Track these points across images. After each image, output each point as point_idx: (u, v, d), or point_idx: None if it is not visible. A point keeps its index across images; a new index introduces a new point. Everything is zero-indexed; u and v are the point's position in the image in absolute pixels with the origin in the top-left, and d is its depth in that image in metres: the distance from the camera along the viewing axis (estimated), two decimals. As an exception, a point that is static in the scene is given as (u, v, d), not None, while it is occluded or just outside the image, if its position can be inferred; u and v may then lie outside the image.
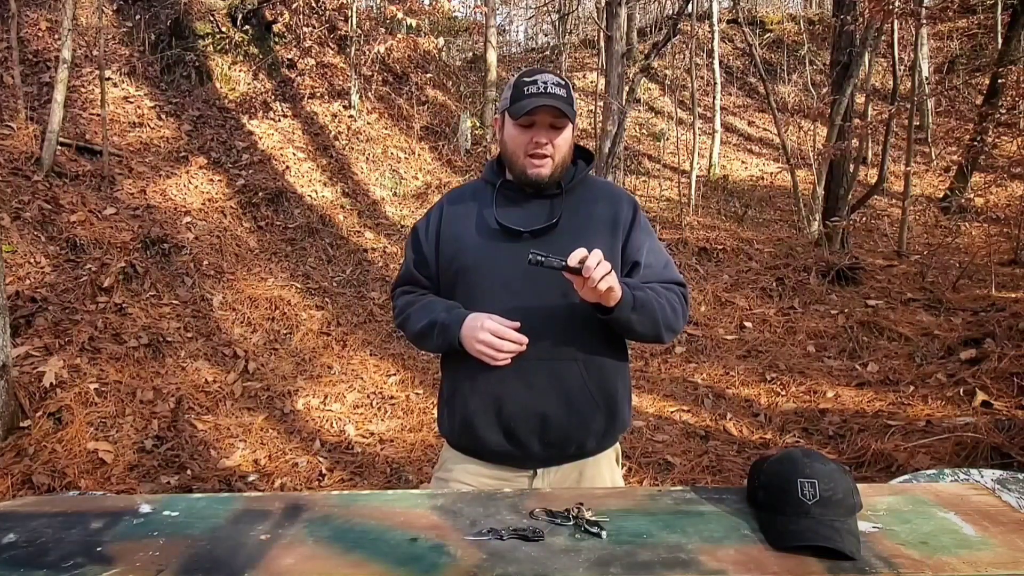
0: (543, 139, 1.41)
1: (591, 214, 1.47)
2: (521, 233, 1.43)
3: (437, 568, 0.99)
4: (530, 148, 1.42)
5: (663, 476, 3.38)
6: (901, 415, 3.82)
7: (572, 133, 1.48)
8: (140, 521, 1.15)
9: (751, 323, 5.62)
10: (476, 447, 1.46)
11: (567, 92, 1.43)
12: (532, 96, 1.39)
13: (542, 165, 1.42)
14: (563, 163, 1.46)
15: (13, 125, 5.88)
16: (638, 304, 1.35)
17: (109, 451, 3.36)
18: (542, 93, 1.39)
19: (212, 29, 8.77)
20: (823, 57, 13.15)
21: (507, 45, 17.60)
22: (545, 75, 1.43)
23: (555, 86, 1.41)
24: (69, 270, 4.66)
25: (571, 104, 1.42)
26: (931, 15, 7.84)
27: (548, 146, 1.41)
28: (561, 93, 1.40)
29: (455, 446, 1.52)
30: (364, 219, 7.34)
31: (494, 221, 1.45)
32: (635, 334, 1.41)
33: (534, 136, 1.41)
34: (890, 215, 9.32)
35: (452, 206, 1.54)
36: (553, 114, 1.40)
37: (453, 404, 1.49)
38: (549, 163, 1.42)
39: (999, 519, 1.13)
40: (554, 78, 1.43)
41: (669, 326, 1.42)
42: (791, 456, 1.14)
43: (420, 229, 1.56)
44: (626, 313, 1.34)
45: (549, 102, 1.38)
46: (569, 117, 1.41)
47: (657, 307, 1.39)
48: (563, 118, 1.41)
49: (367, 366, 4.85)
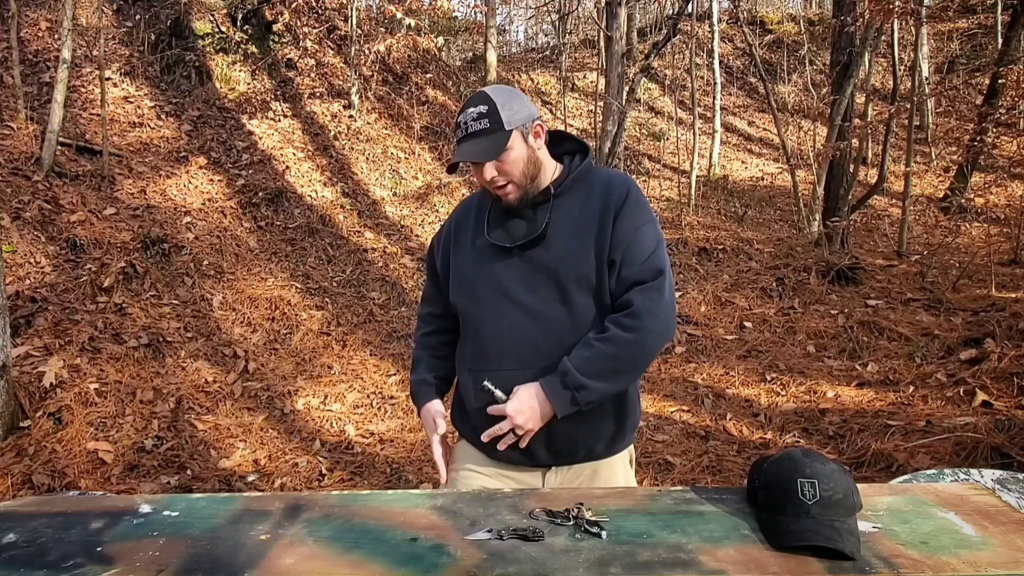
0: (488, 175, 1.40)
1: (584, 212, 1.43)
2: (510, 249, 1.45)
3: (437, 568, 0.99)
4: (488, 184, 1.43)
5: (663, 476, 3.38)
6: (901, 415, 3.82)
7: (523, 145, 1.41)
8: (140, 521, 1.15)
9: (751, 323, 5.62)
10: (486, 447, 1.48)
11: (490, 117, 1.37)
12: (458, 143, 1.41)
13: (507, 193, 1.43)
14: (526, 176, 1.42)
15: (13, 125, 5.88)
16: (580, 398, 1.34)
17: (109, 451, 3.36)
18: (463, 137, 1.40)
19: (212, 29, 8.77)
20: (823, 57, 13.16)
21: (507, 45, 17.63)
22: (469, 110, 1.39)
23: (474, 119, 1.38)
24: (69, 270, 4.66)
25: (497, 127, 1.37)
26: (931, 15, 7.84)
27: (498, 178, 1.40)
28: (481, 126, 1.37)
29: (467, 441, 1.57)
30: (364, 219, 7.33)
31: (485, 240, 1.48)
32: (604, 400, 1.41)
33: (482, 174, 1.41)
34: (890, 215, 9.32)
35: (460, 219, 1.58)
36: (480, 150, 1.38)
37: (463, 406, 1.55)
38: (512, 188, 1.42)
39: (999, 519, 1.13)
40: (474, 110, 1.38)
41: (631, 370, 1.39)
42: (791, 456, 1.14)
43: (435, 246, 1.62)
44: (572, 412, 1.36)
45: (464, 156, 1.39)
46: (487, 157, 1.37)
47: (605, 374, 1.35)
48: (490, 153, 1.38)
49: (367, 366, 4.85)
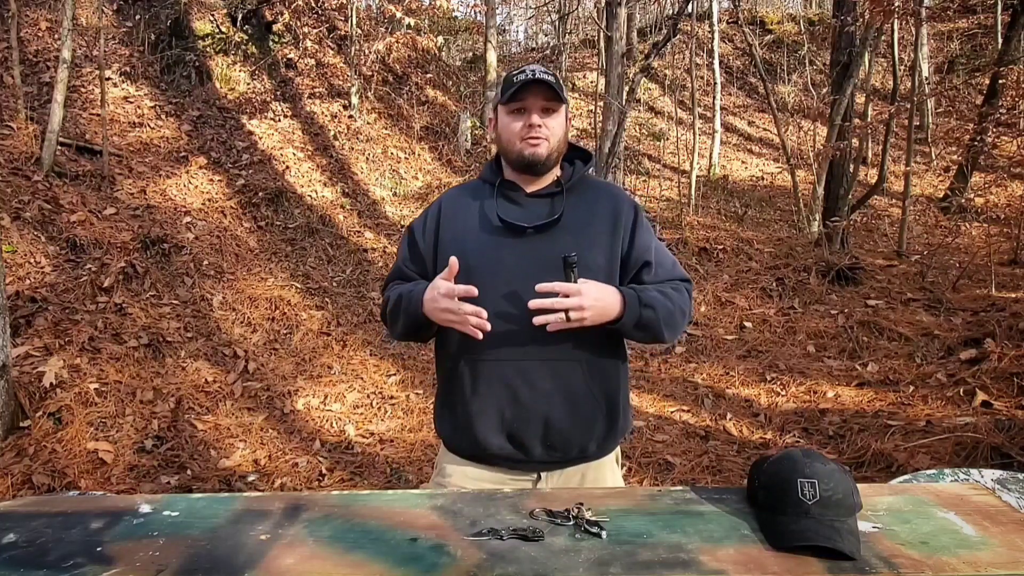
0: (536, 120, 1.42)
1: (593, 212, 1.47)
2: (524, 229, 1.42)
3: (437, 568, 0.99)
4: (524, 132, 1.43)
5: (663, 476, 3.38)
6: (901, 415, 3.82)
7: (566, 121, 1.49)
8: (140, 521, 1.15)
9: (751, 323, 5.62)
10: (476, 450, 1.44)
11: (555, 78, 1.44)
12: (521, 82, 1.42)
13: (537, 144, 1.43)
14: (559, 148, 1.46)
15: (13, 125, 5.88)
16: (643, 322, 1.36)
17: (109, 451, 3.36)
18: (531, 79, 1.41)
19: (212, 29, 8.77)
20: (823, 57, 13.16)
21: (507, 45, 17.63)
22: (532, 65, 1.46)
23: (543, 72, 1.43)
24: (69, 270, 4.66)
25: (561, 88, 1.44)
26: (931, 15, 7.84)
27: (542, 128, 1.42)
28: (549, 78, 1.42)
29: (455, 450, 1.50)
30: (364, 219, 7.33)
31: (496, 218, 1.45)
32: (636, 339, 1.43)
33: (527, 119, 1.43)
34: (890, 215, 9.32)
35: (451, 205, 1.53)
36: (544, 95, 1.41)
37: (453, 406, 1.47)
38: (544, 144, 1.43)
39: (999, 519, 1.13)
40: (541, 67, 1.45)
41: (674, 327, 1.43)
42: (791, 456, 1.13)
43: (416, 229, 1.55)
44: (627, 329, 1.37)
45: (535, 78, 1.41)
46: (559, 99, 1.43)
47: (663, 315, 1.39)
48: (554, 100, 1.43)
49: (367, 366, 4.85)
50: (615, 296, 1.34)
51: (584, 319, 1.29)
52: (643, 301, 1.36)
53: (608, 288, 1.34)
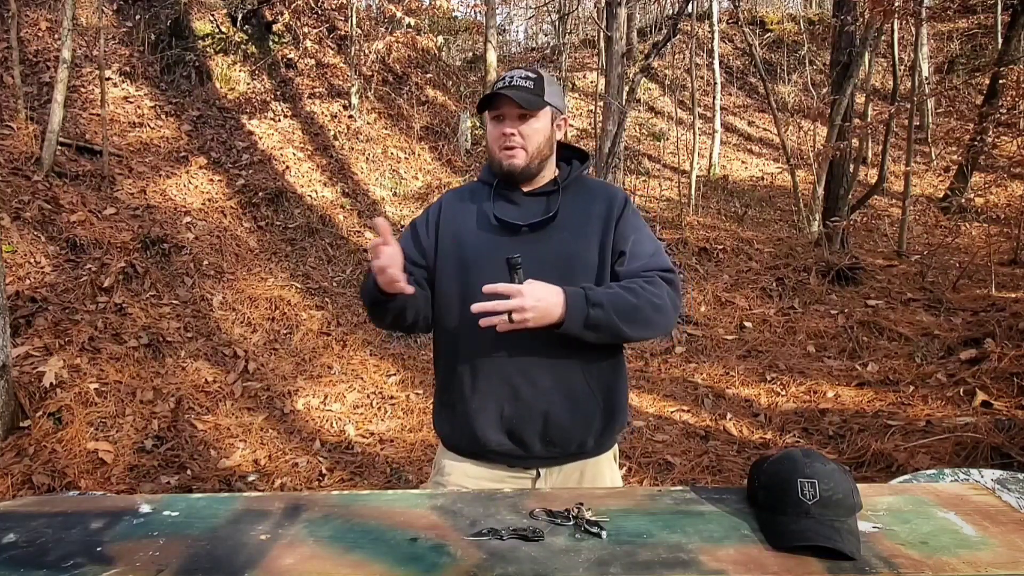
0: (508, 129, 1.43)
1: (588, 212, 1.48)
2: (519, 227, 1.44)
3: (437, 568, 0.99)
4: (500, 140, 1.44)
5: (663, 476, 3.38)
6: (901, 415, 3.82)
7: (551, 123, 1.48)
8: (140, 521, 1.15)
9: (751, 323, 5.62)
10: (476, 447, 1.45)
11: (536, 83, 1.44)
12: (495, 90, 1.42)
13: (513, 155, 1.44)
14: (538, 154, 1.46)
15: (13, 125, 5.88)
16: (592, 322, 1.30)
17: (109, 451, 3.36)
18: (507, 86, 1.42)
19: (212, 29, 8.77)
20: (823, 57, 13.16)
21: (507, 45, 17.63)
22: (516, 71, 1.47)
23: (522, 79, 1.43)
24: (69, 270, 4.65)
25: (539, 94, 1.43)
26: (931, 15, 7.85)
27: (515, 136, 1.43)
28: (526, 84, 1.42)
29: (453, 448, 1.50)
30: (364, 219, 7.33)
31: (492, 217, 1.46)
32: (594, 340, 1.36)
33: (502, 128, 1.44)
34: (890, 215, 9.32)
35: (451, 203, 1.55)
36: (514, 104, 1.42)
37: (452, 403, 1.47)
38: (521, 153, 1.44)
39: (999, 519, 1.13)
40: (523, 72, 1.45)
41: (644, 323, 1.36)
42: (791, 456, 1.13)
43: (419, 224, 1.56)
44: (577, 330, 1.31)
45: (509, 93, 1.40)
46: (529, 106, 1.42)
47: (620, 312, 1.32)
48: (528, 108, 1.42)
49: (367, 366, 4.85)
50: (559, 296, 1.29)
51: (526, 320, 1.26)
52: (591, 300, 1.31)
53: (553, 288, 1.30)
